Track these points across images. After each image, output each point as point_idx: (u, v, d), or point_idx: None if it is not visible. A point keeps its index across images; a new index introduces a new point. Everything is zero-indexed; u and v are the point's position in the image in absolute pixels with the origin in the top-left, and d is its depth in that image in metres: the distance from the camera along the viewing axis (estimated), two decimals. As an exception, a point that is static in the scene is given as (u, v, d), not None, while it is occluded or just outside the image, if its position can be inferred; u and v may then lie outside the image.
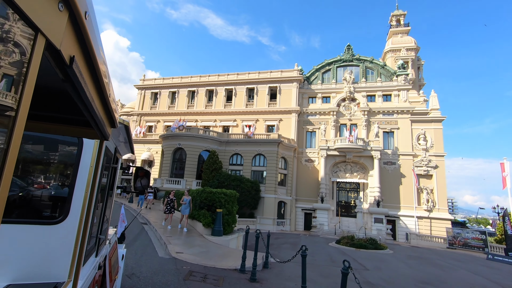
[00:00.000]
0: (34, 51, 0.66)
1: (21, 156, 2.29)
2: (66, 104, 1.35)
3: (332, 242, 22.01)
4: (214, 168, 30.00)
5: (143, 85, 42.68)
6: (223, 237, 11.22)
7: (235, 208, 12.74)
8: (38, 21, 0.62)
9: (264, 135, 33.01)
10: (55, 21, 0.70)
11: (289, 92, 36.45)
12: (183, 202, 12.06)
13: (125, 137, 2.92)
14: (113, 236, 4.20)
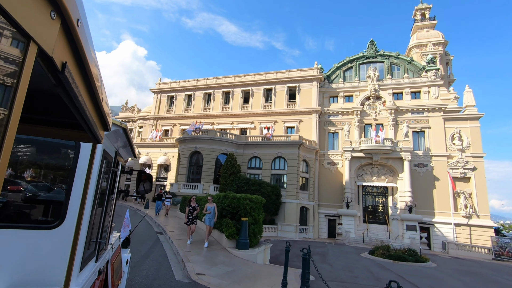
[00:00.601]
0: (26, 58, 0.68)
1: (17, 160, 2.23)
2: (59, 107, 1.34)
3: (364, 253, 19.82)
4: (232, 172, 28.47)
5: (159, 89, 42.06)
6: (249, 250, 9.54)
7: (261, 216, 11.06)
8: (30, 29, 0.64)
9: (284, 137, 31.25)
10: (47, 29, 0.71)
11: (309, 92, 34.60)
12: (206, 212, 10.07)
13: (125, 140, 2.86)
14: (117, 241, 4.05)
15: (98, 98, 1.23)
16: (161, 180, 35.86)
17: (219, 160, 31.09)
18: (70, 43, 0.86)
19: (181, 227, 13.97)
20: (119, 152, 3.15)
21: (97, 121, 1.41)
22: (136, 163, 37.16)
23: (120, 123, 2.42)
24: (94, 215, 2.30)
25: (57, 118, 1.58)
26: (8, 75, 0.70)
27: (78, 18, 0.81)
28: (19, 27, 0.61)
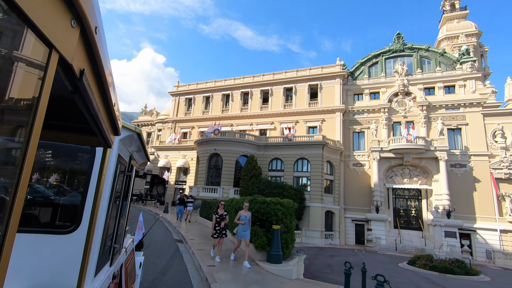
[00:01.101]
0: (49, 66, 0.70)
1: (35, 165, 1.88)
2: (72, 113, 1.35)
3: (402, 263, 17.79)
4: (253, 175, 27.12)
5: (177, 92, 41.60)
6: (283, 264, 8.08)
7: (293, 223, 9.59)
8: (52, 38, 0.66)
9: (306, 137, 29.59)
10: (68, 37, 0.73)
11: (332, 90, 32.78)
12: (240, 222, 7.98)
13: (139, 145, 2.90)
14: (130, 244, 4.00)
15: (110, 103, 1.24)
16: (180, 183, 35.10)
17: (238, 162, 29.87)
18: (87, 50, 0.87)
19: (202, 234, 12.74)
20: (133, 156, 3.13)
21: (109, 126, 1.43)
22: (155, 166, 36.67)
23: (135, 128, 2.40)
24: (109, 219, 2.31)
25: (68, 123, 1.58)
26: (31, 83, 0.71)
27: (96, 26, 0.81)
28: (43, 36, 0.63)
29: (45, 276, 1.86)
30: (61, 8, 0.68)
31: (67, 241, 1.93)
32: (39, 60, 0.69)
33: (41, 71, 0.70)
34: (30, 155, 0.69)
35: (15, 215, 0.65)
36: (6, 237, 0.62)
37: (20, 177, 0.66)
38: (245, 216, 8.11)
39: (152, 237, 11.67)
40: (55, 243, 1.92)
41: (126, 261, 3.49)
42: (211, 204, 16.46)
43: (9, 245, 0.64)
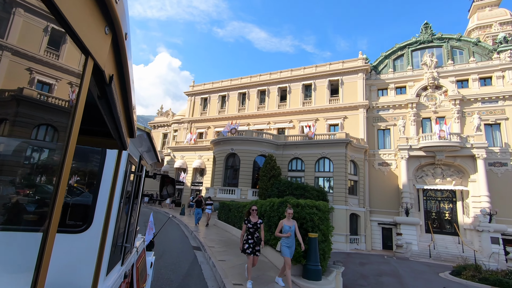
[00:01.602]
0: (85, 74, 0.71)
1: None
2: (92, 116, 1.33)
3: (444, 272, 15.80)
4: (272, 175, 25.68)
5: (193, 91, 40.85)
6: (322, 281, 6.60)
7: (330, 229, 8.08)
8: (90, 46, 0.67)
9: (328, 135, 27.86)
10: (102, 44, 0.74)
11: (354, 85, 30.87)
12: (283, 235, 6.12)
13: (149, 145, 2.89)
14: (141, 244, 4.05)
15: (131, 107, 1.24)
16: (197, 184, 34.15)
17: (256, 162, 28.52)
18: (116, 56, 0.88)
19: (222, 240, 11.43)
20: (143, 156, 3.17)
21: (126, 129, 1.43)
22: (172, 168, 35.94)
23: (144, 128, 2.45)
24: (120, 219, 2.34)
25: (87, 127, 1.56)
26: (70, 89, 0.74)
27: (127, 32, 0.82)
28: (81, 44, 0.64)
29: (59, 274, 1.87)
30: (97, 15, 0.68)
31: (79, 240, 1.97)
32: (76, 67, 0.70)
33: (78, 78, 0.71)
34: (68, 158, 0.70)
35: (55, 216, 0.66)
36: (48, 237, 0.64)
37: (60, 179, 0.67)
38: (288, 227, 6.13)
39: (167, 243, 10.48)
40: (68, 242, 1.95)
41: (137, 260, 3.50)
42: (230, 206, 15.17)
43: (50, 245, 0.65)
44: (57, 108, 0.75)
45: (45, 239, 0.65)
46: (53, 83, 0.71)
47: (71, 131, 0.71)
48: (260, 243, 6.20)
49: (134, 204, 3.01)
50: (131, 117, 1.36)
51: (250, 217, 6.55)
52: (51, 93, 0.71)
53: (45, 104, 0.74)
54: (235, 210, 13.80)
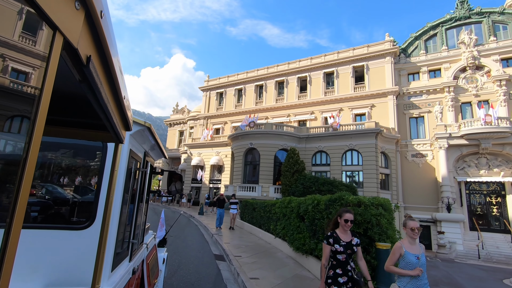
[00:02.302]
0: (53, 50, 0.66)
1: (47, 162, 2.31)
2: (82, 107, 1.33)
3: (509, 279, 13.26)
4: (296, 170, 23.63)
5: (208, 86, 39.33)
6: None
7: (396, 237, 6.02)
8: (56, 19, 0.62)
9: (356, 125, 25.44)
10: (72, 20, 0.70)
11: (381, 70, 28.17)
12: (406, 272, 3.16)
13: (151, 140, 2.81)
14: (152, 240, 3.99)
15: (120, 95, 1.19)
16: (215, 182, 32.63)
17: (277, 157, 26.55)
18: (94, 36, 0.83)
19: (249, 246, 9.61)
20: (148, 153, 3.13)
21: (119, 120, 1.38)
22: (189, 165, 34.64)
23: (144, 122, 2.37)
24: (126, 215, 2.33)
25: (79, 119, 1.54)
26: (34, 68, 0.68)
27: (102, 10, 0.77)
28: (46, 17, 0.59)
29: (63, 270, 1.88)
30: None
31: (83, 236, 1.97)
32: (42, 43, 0.65)
33: (44, 54, 0.65)
34: (33, 152, 0.65)
35: (18, 214, 0.62)
36: (10, 236, 0.60)
37: (23, 174, 0.63)
38: (415, 258, 3.23)
39: (184, 250, 8.78)
40: (72, 239, 1.96)
41: (148, 256, 3.47)
42: (255, 205, 13.35)
43: (13, 244, 0.61)
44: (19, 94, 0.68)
45: (7, 236, 0.60)
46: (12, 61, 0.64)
47: (37, 117, 0.65)
48: (360, 275, 3.28)
49: (140, 201, 2.96)
50: (122, 106, 1.28)
51: (338, 231, 3.46)
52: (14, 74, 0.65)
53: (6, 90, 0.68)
54: (260, 209, 11.94)
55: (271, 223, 10.15)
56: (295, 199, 7.92)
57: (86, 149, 2.37)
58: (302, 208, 7.01)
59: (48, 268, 1.87)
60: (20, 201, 0.62)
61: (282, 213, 8.71)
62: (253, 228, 12.79)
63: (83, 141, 1.98)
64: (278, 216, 9.21)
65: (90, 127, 1.59)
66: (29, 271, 1.84)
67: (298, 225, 7.22)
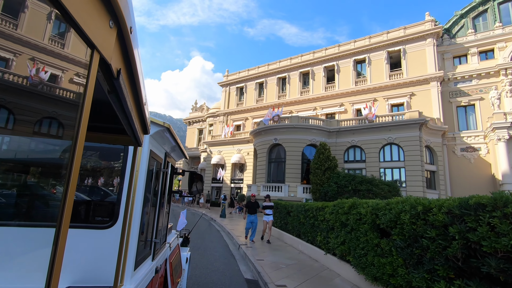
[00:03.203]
0: (91, 67, 0.71)
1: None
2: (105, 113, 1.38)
3: None
4: (328, 167, 20.86)
5: (227, 81, 37.25)
6: None
7: None
8: (95, 39, 0.67)
9: (395, 116, 22.26)
10: (107, 38, 0.75)
11: (421, 54, 24.74)
12: None
13: (171, 140, 2.83)
14: (175, 240, 4.02)
15: (141, 102, 1.24)
16: (237, 181, 30.42)
17: (305, 154, 23.88)
18: (123, 50, 0.88)
19: (291, 265, 7.12)
20: (169, 153, 3.16)
21: (139, 125, 1.43)
22: (209, 164, 32.70)
23: (163, 123, 2.39)
24: (148, 215, 2.38)
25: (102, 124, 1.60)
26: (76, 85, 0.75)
27: (131, 26, 0.82)
28: (86, 37, 0.64)
29: (88, 269, 1.93)
30: (100, 9, 0.69)
31: (107, 235, 2.00)
32: (83, 61, 0.71)
33: (84, 72, 0.72)
34: (78, 155, 0.70)
35: (67, 213, 0.66)
36: (60, 233, 0.65)
37: (70, 175, 0.67)
38: None
39: (204, 269, 6.47)
40: (96, 238, 1.99)
41: (171, 256, 3.51)
42: (289, 208, 10.86)
43: (62, 241, 0.66)
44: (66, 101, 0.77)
45: (57, 235, 0.65)
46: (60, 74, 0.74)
47: (80, 125, 0.71)
48: None
49: (162, 201, 2.97)
50: (143, 112, 1.34)
51: None
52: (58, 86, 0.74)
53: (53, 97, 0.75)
54: (299, 214, 9.41)
55: (317, 233, 7.62)
56: (364, 202, 5.38)
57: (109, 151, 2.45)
58: (384, 217, 4.46)
59: (74, 266, 1.90)
60: (68, 201, 0.66)
61: (339, 222, 6.17)
62: (288, 237, 10.28)
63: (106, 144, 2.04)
64: (330, 224, 6.67)
65: (111, 131, 1.66)
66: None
67: (377, 242, 4.68)
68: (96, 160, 2.57)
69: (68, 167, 0.68)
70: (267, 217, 10.32)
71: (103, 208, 2.43)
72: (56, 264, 0.64)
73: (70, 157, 0.70)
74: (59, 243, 0.65)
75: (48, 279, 0.64)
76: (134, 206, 1.99)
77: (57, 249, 0.64)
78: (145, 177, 2.17)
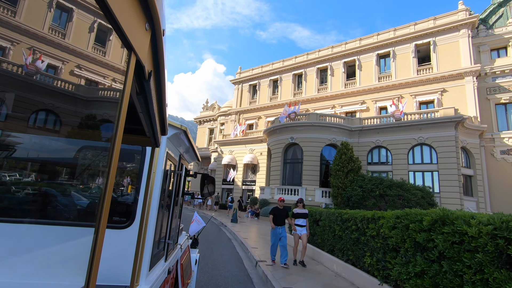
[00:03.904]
0: (129, 69, 0.72)
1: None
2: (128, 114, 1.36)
3: None
4: (351, 169, 18.69)
5: (240, 79, 35.53)
6: None
7: None
8: (133, 41, 0.68)
9: (427, 113, 19.90)
10: (143, 40, 0.76)
11: (454, 47, 22.30)
12: None
13: (187, 143, 2.86)
14: (185, 241, 4.08)
15: (163, 104, 1.24)
16: (248, 183, 28.51)
17: (323, 155, 21.77)
18: (154, 53, 0.88)
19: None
20: (183, 155, 3.16)
21: (159, 126, 1.43)
22: (219, 165, 30.95)
23: (181, 126, 2.43)
24: (162, 216, 2.37)
25: None
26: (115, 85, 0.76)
27: (164, 28, 0.82)
28: (126, 39, 0.65)
29: (107, 268, 1.89)
30: (139, 11, 0.69)
31: (124, 235, 2.01)
32: (121, 63, 0.71)
33: (123, 73, 0.73)
34: (115, 155, 0.70)
35: (105, 212, 0.67)
36: (99, 232, 0.66)
37: (108, 176, 0.68)
38: None
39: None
40: (114, 237, 1.99)
41: (182, 257, 3.50)
42: (317, 216, 8.83)
43: (101, 239, 0.67)
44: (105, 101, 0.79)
45: (96, 234, 0.66)
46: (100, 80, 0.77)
47: (118, 126, 0.71)
48: None
49: (175, 202, 2.98)
50: (163, 114, 1.35)
51: None
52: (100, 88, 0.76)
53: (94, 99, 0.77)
54: (333, 224, 7.38)
55: (365, 253, 5.60)
56: (469, 216, 3.38)
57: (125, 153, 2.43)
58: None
59: None
60: (106, 202, 0.67)
61: (410, 242, 4.16)
62: (316, 252, 8.24)
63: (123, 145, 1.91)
64: (392, 244, 4.66)
65: (130, 132, 1.62)
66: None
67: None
68: None
69: (107, 167, 0.68)
70: (301, 230, 7.72)
71: (120, 208, 2.38)
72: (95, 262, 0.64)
73: (109, 158, 0.69)
74: (98, 241, 0.65)
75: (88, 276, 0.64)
76: (150, 207, 1.99)
77: (96, 247, 0.64)
78: (161, 178, 2.19)
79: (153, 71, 0.92)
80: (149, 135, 1.40)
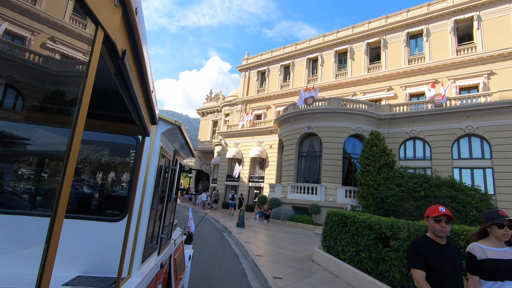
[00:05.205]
0: (95, 44, 0.70)
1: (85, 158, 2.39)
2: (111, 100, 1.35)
3: None
4: (385, 164, 15.13)
5: (247, 65, 31.95)
6: None
7: None
8: (99, 15, 0.66)
9: (474, 97, 16.20)
10: (112, 16, 0.74)
11: (503, 22, 18.50)
12: None
13: (181, 138, 2.81)
14: (179, 237, 4.07)
15: (148, 89, 1.22)
16: (256, 180, 25.02)
17: (345, 150, 18.22)
18: (128, 31, 0.87)
19: None
20: (178, 151, 3.14)
21: (147, 113, 1.40)
22: (223, 159, 27.49)
23: (175, 121, 2.38)
24: (156, 210, 2.36)
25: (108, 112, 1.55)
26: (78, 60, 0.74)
27: (137, 7, 0.81)
28: (91, 13, 0.63)
29: (97, 260, 1.92)
30: None
31: (117, 228, 1.98)
32: (86, 37, 0.70)
33: (88, 48, 0.70)
34: (75, 144, 0.67)
35: (63, 202, 0.64)
36: (55, 223, 0.63)
37: (66, 166, 0.65)
38: None
39: None
40: (107, 230, 1.99)
41: (175, 252, 3.50)
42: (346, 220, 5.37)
43: (57, 230, 0.64)
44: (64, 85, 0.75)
45: (52, 224, 0.64)
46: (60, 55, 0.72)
47: (81, 106, 0.67)
48: None
49: (169, 197, 2.96)
50: (150, 100, 1.31)
51: None
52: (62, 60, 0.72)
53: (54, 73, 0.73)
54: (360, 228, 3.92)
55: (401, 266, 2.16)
56: None
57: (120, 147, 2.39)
58: None
59: (84, 256, 1.91)
60: (64, 192, 0.64)
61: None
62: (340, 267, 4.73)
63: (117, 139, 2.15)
64: None
65: (118, 120, 1.58)
66: (68, 258, 1.84)
67: None
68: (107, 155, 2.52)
69: (65, 154, 0.65)
70: None
71: (113, 202, 2.40)
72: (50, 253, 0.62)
73: (68, 144, 0.65)
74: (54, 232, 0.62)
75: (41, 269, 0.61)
76: (144, 201, 1.99)
77: (52, 237, 0.62)
78: (155, 173, 2.16)
79: (129, 51, 0.89)
80: (138, 123, 1.36)
